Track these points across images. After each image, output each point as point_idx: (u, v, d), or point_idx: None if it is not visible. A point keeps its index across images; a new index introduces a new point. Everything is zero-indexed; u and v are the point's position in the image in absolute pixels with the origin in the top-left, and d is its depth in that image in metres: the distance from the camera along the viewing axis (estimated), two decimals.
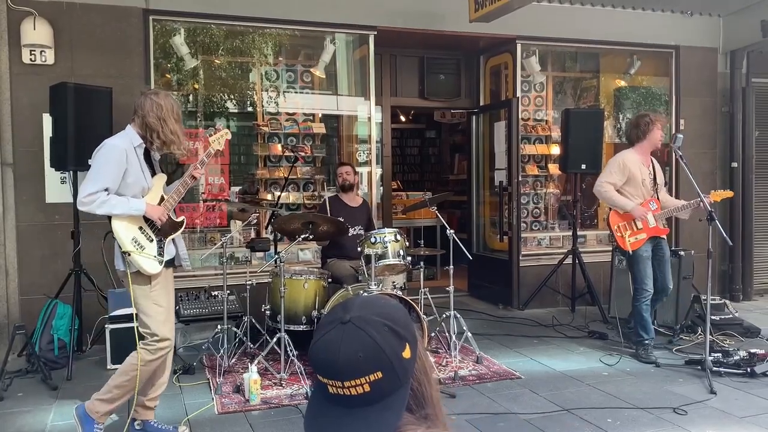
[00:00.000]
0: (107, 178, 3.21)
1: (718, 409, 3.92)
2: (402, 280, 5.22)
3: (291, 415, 3.86)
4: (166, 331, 3.35)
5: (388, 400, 1.03)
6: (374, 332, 1.02)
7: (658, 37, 7.18)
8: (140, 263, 3.26)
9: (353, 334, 1.02)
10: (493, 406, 4.01)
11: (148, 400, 3.52)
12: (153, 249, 3.34)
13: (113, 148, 3.26)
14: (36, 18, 5.11)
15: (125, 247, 3.24)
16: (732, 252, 7.30)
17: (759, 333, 5.59)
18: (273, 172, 6.71)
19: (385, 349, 1.01)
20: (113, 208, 3.21)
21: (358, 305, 1.06)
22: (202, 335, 5.18)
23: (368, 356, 1.00)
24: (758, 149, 7.45)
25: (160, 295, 3.37)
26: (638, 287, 4.97)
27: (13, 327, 4.66)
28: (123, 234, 3.25)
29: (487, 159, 7.59)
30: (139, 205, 3.27)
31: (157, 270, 3.33)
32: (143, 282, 3.32)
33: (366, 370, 1.00)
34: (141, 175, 3.33)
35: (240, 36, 6.33)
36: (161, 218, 3.33)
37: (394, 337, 1.03)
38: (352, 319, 1.03)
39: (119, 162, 3.23)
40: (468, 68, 7.64)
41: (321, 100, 6.96)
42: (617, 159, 5.03)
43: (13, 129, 5.18)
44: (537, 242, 7.46)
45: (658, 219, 4.97)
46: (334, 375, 1.01)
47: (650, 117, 5.04)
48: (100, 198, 3.19)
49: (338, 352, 1.01)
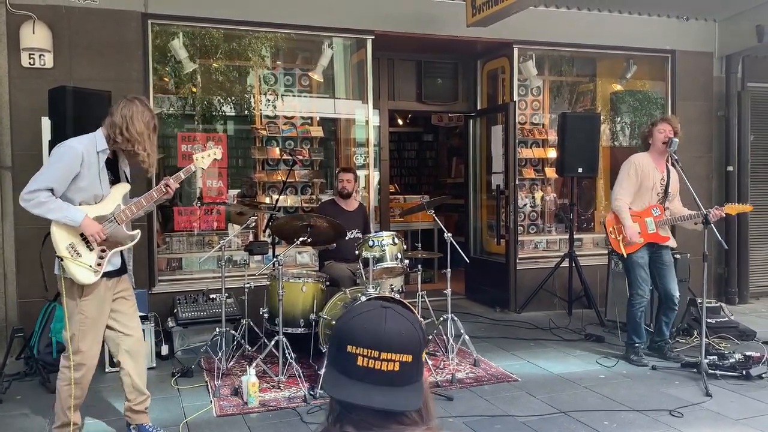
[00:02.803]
0: (53, 179, 3.13)
1: (713, 412, 3.94)
2: (399, 283, 5.24)
3: (289, 418, 3.87)
4: (84, 345, 3.23)
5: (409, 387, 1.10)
6: (412, 320, 1.14)
7: (654, 42, 7.22)
8: (73, 271, 3.17)
9: (396, 317, 1.12)
10: (490, 408, 4.03)
11: (135, 405, 3.49)
12: (90, 258, 3.21)
13: (69, 150, 3.18)
14: (35, 22, 5.12)
15: (59, 252, 3.16)
16: (728, 255, 7.33)
17: (754, 336, 5.62)
18: (271, 175, 6.73)
19: (420, 337, 1.13)
20: (49, 212, 3.12)
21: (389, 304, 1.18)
22: (201, 338, 5.19)
23: (408, 336, 1.10)
24: (753, 153, 7.48)
25: (89, 307, 3.25)
26: (632, 292, 4.97)
27: (11, 330, 4.66)
28: (60, 238, 3.17)
29: (484, 162, 7.62)
30: (75, 216, 3.14)
31: (91, 281, 3.20)
32: (75, 290, 3.24)
33: (403, 348, 1.09)
34: (97, 182, 3.22)
35: (238, 40, 6.35)
36: (95, 235, 3.17)
37: (422, 334, 1.15)
38: (391, 307, 1.14)
39: (71, 165, 3.14)
40: (465, 72, 7.67)
41: (319, 103, 6.98)
42: (628, 162, 4.99)
43: (12, 132, 5.19)
44: (534, 245, 7.49)
45: (659, 226, 4.93)
46: (375, 344, 1.08)
47: (652, 120, 5.07)
48: (40, 197, 3.10)
49: (383, 325, 1.10)
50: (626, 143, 7.92)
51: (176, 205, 6.32)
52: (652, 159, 4.97)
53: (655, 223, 4.91)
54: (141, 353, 3.53)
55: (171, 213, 6.17)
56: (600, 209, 7.81)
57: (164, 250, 6.06)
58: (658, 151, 4.95)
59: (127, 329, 3.45)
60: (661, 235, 4.95)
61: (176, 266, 6.07)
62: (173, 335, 5.20)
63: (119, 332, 3.43)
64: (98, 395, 4.24)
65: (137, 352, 3.48)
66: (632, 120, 7.95)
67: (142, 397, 3.50)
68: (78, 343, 3.23)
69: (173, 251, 6.11)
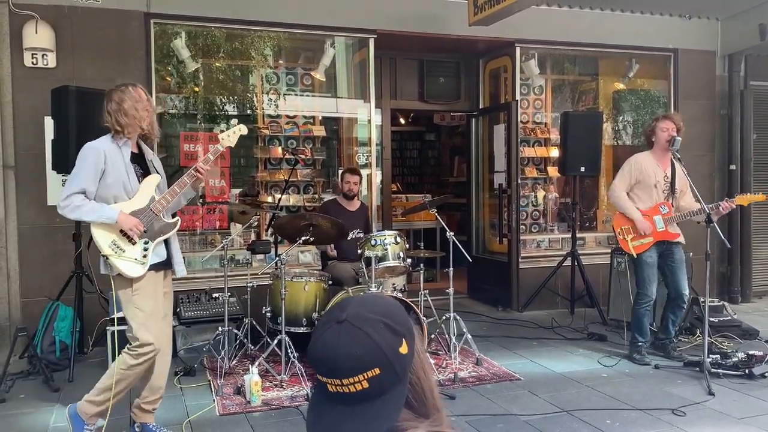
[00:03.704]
0: (84, 181, 3.19)
1: (716, 411, 3.94)
2: (402, 282, 5.24)
3: (292, 417, 3.88)
4: (147, 335, 3.26)
5: (387, 395, 1.04)
6: (370, 329, 1.04)
7: (657, 41, 7.21)
8: (119, 267, 3.21)
9: (349, 333, 1.03)
10: (492, 407, 4.03)
11: (144, 402, 3.49)
12: (135, 252, 3.26)
13: (90, 150, 3.24)
14: (38, 21, 5.13)
15: (103, 251, 3.21)
16: (730, 254, 7.31)
17: (757, 335, 5.61)
18: (273, 174, 6.73)
19: (382, 346, 1.03)
20: (85, 214, 3.19)
21: (354, 304, 1.08)
22: (203, 337, 5.20)
23: (365, 353, 1.02)
24: (756, 152, 7.47)
25: (142, 299, 3.28)
26: (639, 291, 4.96)
27: (15, 329, 4.66)
28: (101, 237, 3.22)
29: (486, 161, 7.62)
30: (110, 214, 3.19)
31: (139, 273, 3.25)
32: (125, 285, 3.27)
33: (363, 367, 1.02)
34: (124, 176, 3.27)
35: (240, 39, 6.36)
36: (133, 229, 3.21)
37: (390, 333, 1.05)
38: (348, 318, 1.05)
39: (95, 163, 3.20)
40: (467, 71, 7.66)
41: (321, 102, 6.99)
42: (629, 160, 5.01)
43: (15, 132, 5.21)
44: (536, 244, 7.49)
45: (668, 223, 4.88)
46: (333, 374, 1.03)
47: (655, 117, 5.06)
48: (74, 202, 3.17)
49: (336, 351, 1.02)
50: (629, 142, 7.91)
51: None
52: (654, 157, 4.96)
53: (663, 220, 4.88)
54: (167, 351, 3.54)
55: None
56: (602, 208, 7.80)
57: None
58: (662, 148, 4.92)
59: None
60: (671, 232, 4.90)
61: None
62: (176, 334, 5.19)
63: None
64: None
65: (163, 350, 3.46)
66: (634, 119, 7.93)
67: (155, 396, 3.51)
68: (141, 335, 3.26)
69: None
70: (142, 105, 3.32)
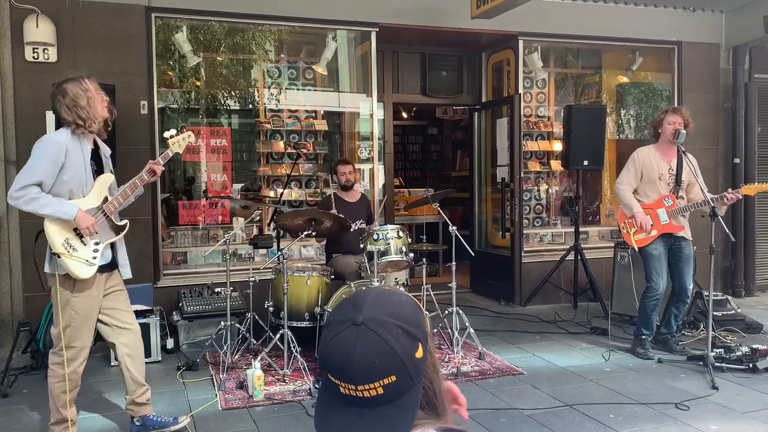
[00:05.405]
0: (41, 173, 3.06)
1: (720, 405, 3.93)
2: (404, 276, 5.24)
3: (294, 411, 3.88)
4: (77, 340, 3.21)
5: (402, 400, 1.01)
6: (388, 335, 0.99)
7: (661, 33, 7.17)
8: (69, 266, 3.11)
9: (367, 338, 0.98)
10: (495, 401, 4.02)
11: (137, 397, 3.49)
12: (86, 253, 3.17)
13: (51, 142, 3.12)
14: (39, 16, 5.12)
15: (55, 248, 3.09)
16: (734, 248, 7.30)
17: (761, 329, 5.60)
18: (275, 169, 6.72)
19: (399, 353, 0.98)
20: (41, 207, 3.06)
21: (370, 303, 1.03)
22: (206, 332, 5.20)
23: (383, 361, 0.97)
24: (761, 145, 7.44)
25: (81, 302, 3.21)
26: (647, 284, 4.93)
27: (17, 324, 4.68)
28: (55, 234, 3.10)
29: (489, 155, 7.60)
30: (70, 210, 3.08)
31: (87, 275, 3.16)
32: (68, 286, 3.18)
33: (380, 374, 0.97)
34: (81, 173, 3.17)
35: (242, 33, 6.34)
36: (89, 228, 3.13)
37: (408, 338, 1.01)
38: (365, 322, 0.99)
39: (56, 157, 3.08)
40: (470, 65, 7.63)
41: (323, 97, 6.97)
42: (633, 154, 5.01)
43: (16, 126, 5.20)
44: (539, 239, 7.47)
45: (673, 216, 4.85)
46: (348, 379, 0.98)
47: (662, 111, 5.04)
48: (30, 194, 3.04)
49: (352, 356, 0.97)
50: (632, 135, 7.88)
51: (181, 199, 6.33)
52: (657, 150, 4.94)
53: (667, 213, 4.85)
54: (139, 346, 3.51)
55: (176, 207, 6.17)
56: (606, 202, 7.78)
57: (169, 244, 6.06)
58: (667, 141, 4.90)
59: (124, 323, 3.44)
60: (675, 225, 4.86)
61: (181, 260, 6.08)
62: (178, 329, 5.21)
63: (116, 327, 3.42)
64: (102, 390, 4.26)
65: (135, 345, 3.47)
66: (638, 112, 7.90)
67: (142, 388, 3.51)
68: (70, 338, 3.20)
69: (178, 245, 6.12)
70: (99, 98, 3.25)
